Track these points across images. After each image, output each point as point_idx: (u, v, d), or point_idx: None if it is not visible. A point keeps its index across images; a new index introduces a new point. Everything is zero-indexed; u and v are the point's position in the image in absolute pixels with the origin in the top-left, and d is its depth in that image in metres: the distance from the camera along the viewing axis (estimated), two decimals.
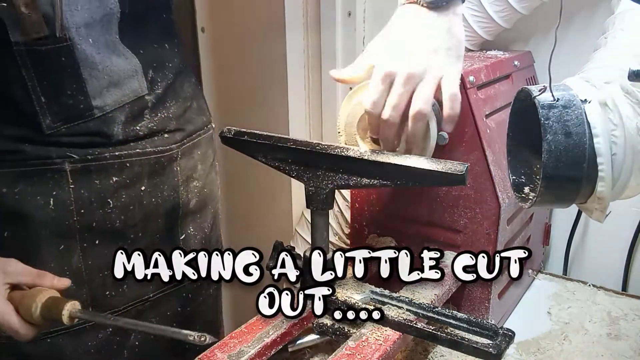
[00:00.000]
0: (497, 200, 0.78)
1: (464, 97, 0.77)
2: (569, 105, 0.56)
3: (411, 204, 0.86)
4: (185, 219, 0.91)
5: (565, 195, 0.59)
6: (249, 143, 0.75)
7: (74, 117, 0.75)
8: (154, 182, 0.84)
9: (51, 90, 0.72)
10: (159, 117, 0.84)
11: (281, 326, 0.67)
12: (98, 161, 0.78)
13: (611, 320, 0.91)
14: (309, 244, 0.80)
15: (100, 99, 0.75)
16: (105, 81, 0.75)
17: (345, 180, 0.69)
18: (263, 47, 1.42)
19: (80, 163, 0.76)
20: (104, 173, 0.79)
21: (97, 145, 0.78)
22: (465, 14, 0.99)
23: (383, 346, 0.63)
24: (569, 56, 0.87)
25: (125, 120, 0.79)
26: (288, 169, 0.72)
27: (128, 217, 0.82)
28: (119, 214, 0.81)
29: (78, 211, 0.77)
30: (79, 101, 0.74)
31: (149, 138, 0.83)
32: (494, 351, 0.59)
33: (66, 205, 0.76)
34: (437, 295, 0.74)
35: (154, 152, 0.83)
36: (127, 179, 0.80)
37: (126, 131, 0.80)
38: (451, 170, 0.62)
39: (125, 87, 0.78)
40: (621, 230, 1.05)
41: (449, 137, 0.79)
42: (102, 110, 0.76)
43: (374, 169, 0.67)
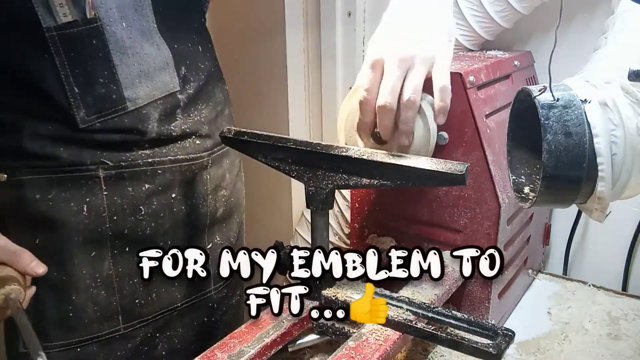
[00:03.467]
0: (497, 200, 0.78)
1: (464, 97, 0.77)
2: (569, 105, 0.56)
3: (411, 204, 0.86)
4: (212, 227, 0.91)
5: (565, 195, 0.59)
6: (249, 143, 0.75)
7: (107, 109, 0.74)
8: (185, 190, 0.84)
9: (84, 79, 0.72)
10: (192, 118, 0.84)
11: (281, 326, 0.67)
12: (131, 168, 0.78)
13: (611, 320, 0.91)
14: (309, 244, 0.80)
15: (132, 89, 0.75)
16: (135, 69, 0.75)
17: (345, 180, 0.69)
18: (263, 47, 1.42)
19: (113, 170, 0.76)
20: (137, 180, 0.79)
21: (132, 146, 0.78)
22: (466, 13, 1.00)
23: (383, 346, 0.63)
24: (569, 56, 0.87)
25: (159, 117, 0.79)
26: (288, 169, 0.72)
27: (158, 225, 0.82)
28: (149, 221, 0.81)
29: (110, 218, 0.77)
30: (111, 90, 0.74)
31: (181, 141, 0.83)
32: (494, 351, 0.59)
33: (99, 212, 0.77)
34: (437, 295, 0.74)
35: (186, 159, 0.83)
36: (159, 186, 0.81)
37: (160, 129, 0.79)
38: (451, 170, 0.62)
39: (157, 79, 0.78)
40: (621, 230, 1.05)
41: (449, 137, 0.79)
42: (135, 103, 0.76)
43: (374, 169, 0.67)
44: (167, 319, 0.87)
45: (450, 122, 0.79)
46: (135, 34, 0.74)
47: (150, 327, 0.84)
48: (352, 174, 0.68)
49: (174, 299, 0.87)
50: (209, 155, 0.87)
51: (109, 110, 0.74)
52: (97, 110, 0.74)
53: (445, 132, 0.79)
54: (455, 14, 1.00)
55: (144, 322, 0.83)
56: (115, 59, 0.73)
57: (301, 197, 1.00)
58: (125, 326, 0.82)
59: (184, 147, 0.84)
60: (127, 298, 0.81)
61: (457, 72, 0.77)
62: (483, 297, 0.83)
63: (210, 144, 0.88)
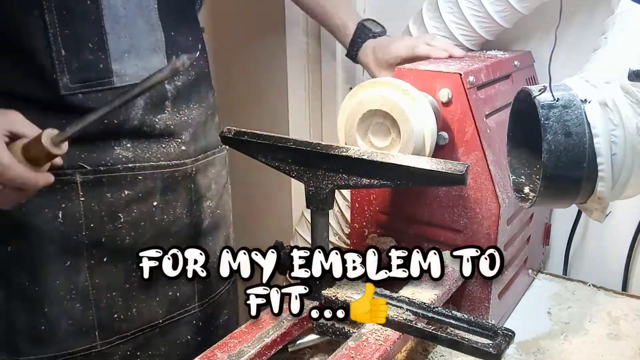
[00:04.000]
0: (497, 200, 0.78)
1: (464, 97, 0.77)
2: (569, 105, 0.56)
3: (411, 204, 0.86)
4: (197, 239, 0.88)
5: (565, 195, 0.59)
6: (249, 143, 0.75)
7: (93, 79, 0.71)
8: (167, 198, 0.81)
9: (73, 41, 0.69)
10: (180, 116, 0.81)
11: (281, 326, 0.67)
12: (110, 172, 0.75)
13: (611, 320, 0.91)
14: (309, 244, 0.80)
15: (120, 63, 0.72)
16: (126, 42, 0.72)
17: (345, 180, 0.69)
18: (263, 47, 1.42)
19: (91, 174, 0.73)
20: (116, 186, 0.75)
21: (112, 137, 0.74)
22: (466, 13, 0.99)
23: (383, 346, 0.63)
24: (569, 56, 0.87)
25: (144, 105, 0.75)
26: (288, 169, 0.72)
27: (138, 234, 0.79)
28: (129, 230, 0.78)
29: (87, 225, 0.74)
30: (99, 59, 0.71)
31: (164, 143, 0.80)
32: (494, 351, 0.59)
33: (75, 219, 0.73)
34: (437, 295, 0.74)
35: (168, 165, 0.80)
36: (139, 193, 0.78)
37: (144, 119, 0.76)
38: (451, 170, 0.62)
39: (146, 59, 0.75)
40: (621, 230, 1.05)
41: (449, 137, 0.79)
42: (122, 79, 0.73)
43: (374, 169, 0.67)
44: (147, 336, 0.83)
45: (450, 122, 0.79)
46: (132, 5, 0.72)
47: (130, 345, 0.81)
48: (352, 174, 0.68)
49: (154, 315, 0.83)
50: (192, 162, 0.84)
51: (94, 80, 0.71)
52: (81, 78, 0.70)
53: (445, 132, 0.79)
54: (455, 13, 1.00)
55: (122, 339, 0.80)
56: (107, 25, 0.70)
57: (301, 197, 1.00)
58: (102, 342, 0.78)
59: (167, 152, 0.80)
60: (104, 312, 0.77)
61: (457, 72, 0.77)
62: (483, 297, 0.83)
63: (193, 151, 0.84)
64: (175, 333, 0.87)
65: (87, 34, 0.70)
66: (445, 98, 0.78)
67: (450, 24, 1.01)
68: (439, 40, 0.94)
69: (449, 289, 0.77)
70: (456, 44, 1.04)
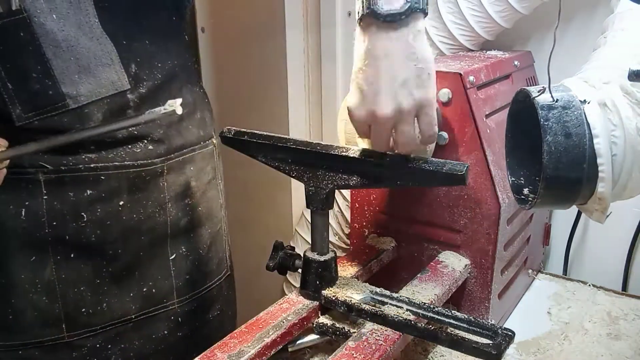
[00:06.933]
0: (497, 200, 0.78)
1: (464, 97, 0.78)
2: (569, 106, 0.56)
3: (411, 204, 0.86)
4: (175, 238, 0.86)
5: (565, 197, 0.59)
6: (249, 143, 0.75)
7: (45, 106, 0.71)
8: (135, 197, 0.80)
9: (16, 73, 0.69)
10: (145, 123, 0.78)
11: (281, 326, 0.67)
12: (72, 172, 0.74)
13: (611, 320, 0.91)
14: (309, 244, 0.80)
15: (71, 86, 0.72)
16: (73, 64, 0.72)
17: (345, 180, 0.69)
18: (263, 47, 1.42)
19: (54, 174, 0.74)
20: (79, 185, 0.75)
21: (77, 148, 0.74)
22: (466, 13, 1.00)
23: (383, 346, 0.63)
24: (568, 56, 0.87)
25: (103, 117, 0.75)
26: (288, 169, 0.72)
27: (105, 233, 0.78)
28: (94, 228, 0.77)
29: (50, 223, 0.75)
30: (47, 86, 0.71)
31: (131, 144, 0.78)
32: (494, 351, 0.59)
33: (38, 216, 0.74)
34: (437, 295, 0.74)
35: (133, 165, 0.79)
36: (102, 193, 0.77)
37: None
38: (451, 170, 0.62)
39: (101, 76, 0.74)
40: (621, 230, 1.05)
41: (449, 137, 0.79)
42: (77, 101, 0.72)
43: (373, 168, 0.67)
44: (119, 331, 0.82)
45: (450, 122, 0.79)
46: (70, 27, 0.71)
47: (100, 338, 0.81)
48: (352, 174, 0.68)
49: (127, 310, 0.82)
50: (163, 161, 0.82)
51: (46, 107, 0.71)
52: (33, 107, 0.71)
53: (445, 132, 0.79)
54: (455, 14, 1.01)
55: (91, 332, 0.80)
56: (48, 52, 0.70)
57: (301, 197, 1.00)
58: (69, 334, 0.78)
59: (133, 152, 0.79)
60: (71, 306, 0.78)
61: (457, 72, 0.77)
62: (483, 297, 0.83)
63: (164, 150, 0.82)
64: (151, 328, 0.86)
65: (29, 65, 0.70)
66: (445, 98, 0.78)
67: (450, 24, 1.01)
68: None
69: (449, 289, 0.77)
70: (456, 44, 1.04)
